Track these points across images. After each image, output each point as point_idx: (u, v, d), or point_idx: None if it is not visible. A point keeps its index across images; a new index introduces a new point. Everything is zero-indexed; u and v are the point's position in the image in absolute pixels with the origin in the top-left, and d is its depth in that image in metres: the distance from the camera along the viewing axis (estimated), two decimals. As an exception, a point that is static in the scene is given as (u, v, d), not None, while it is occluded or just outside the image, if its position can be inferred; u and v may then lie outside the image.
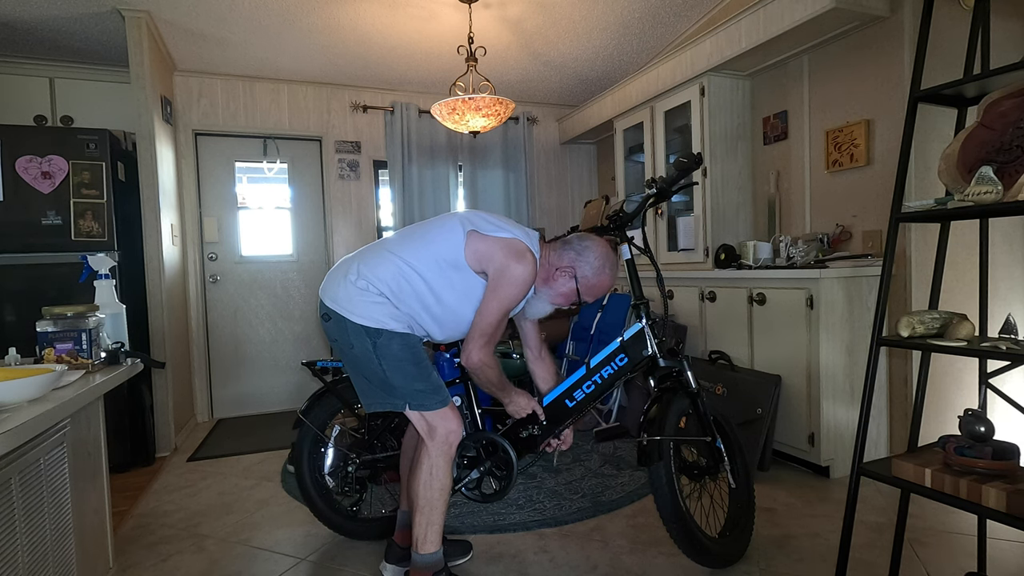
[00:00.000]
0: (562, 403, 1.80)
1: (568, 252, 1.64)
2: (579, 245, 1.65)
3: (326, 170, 4.16)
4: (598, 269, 1.63)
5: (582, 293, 1.64)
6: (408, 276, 1.54)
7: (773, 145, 3.08)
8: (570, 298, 1.67)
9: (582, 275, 1.63)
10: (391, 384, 1.54)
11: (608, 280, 1.66)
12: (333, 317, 1.55)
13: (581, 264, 1.63)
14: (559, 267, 1.64)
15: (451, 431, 1.56)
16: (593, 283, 1.64)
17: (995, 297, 2.46)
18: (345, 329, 1.53)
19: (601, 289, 1.67)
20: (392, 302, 1.54)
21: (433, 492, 1.54)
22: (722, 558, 1.73)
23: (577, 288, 1.64)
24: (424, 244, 1.56)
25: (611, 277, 1.66)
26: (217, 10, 3.01)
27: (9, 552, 1.08)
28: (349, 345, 1.55)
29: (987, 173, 1.27)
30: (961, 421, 1.36)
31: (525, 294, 1.56)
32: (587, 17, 3.30)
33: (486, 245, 1.54)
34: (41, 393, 1.14)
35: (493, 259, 1.53)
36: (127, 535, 2.13)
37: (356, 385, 1.62)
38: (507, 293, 1.52)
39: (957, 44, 2.37)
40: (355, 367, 1.58)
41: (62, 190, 2.71)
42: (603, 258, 1.64)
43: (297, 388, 4.12)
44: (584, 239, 1.66)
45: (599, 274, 1.64)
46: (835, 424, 2.39)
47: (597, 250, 1.64)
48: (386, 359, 1.52)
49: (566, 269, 1.63)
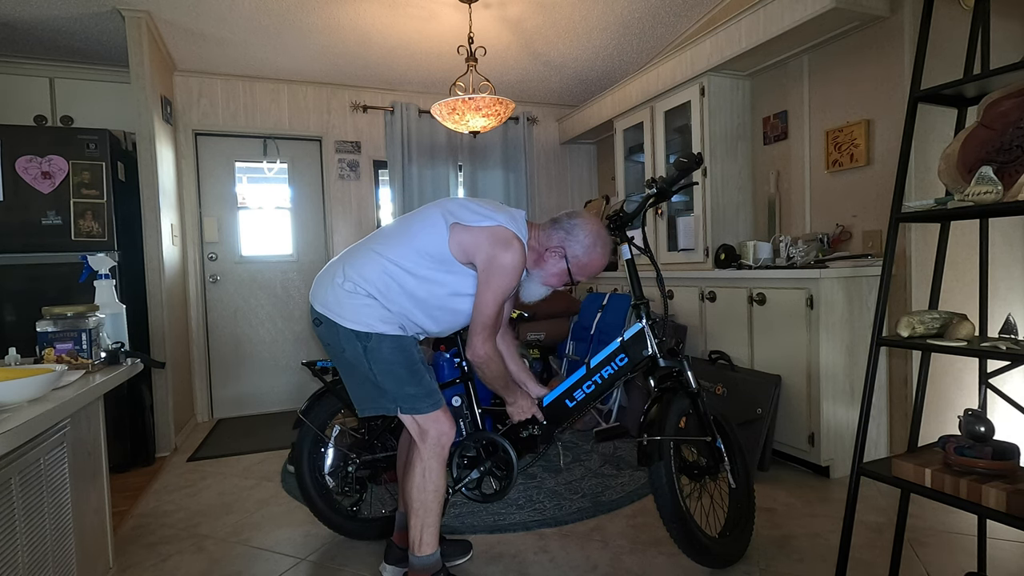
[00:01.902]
0: (562, 403, 1.80)
1: (557, 232, 1.60)
2: (568, 223, 1.60)
3: (326, 170, 4.16)
4: (589, 247, 1.59)
5: (574, 273, 1.61)
6: (394, 274, 1.51)
7: (773, 145, 3.08)
8: (562, 278, 1.63)
9: (572, 255, 1.59)
10: (382, 388, 1.53)
11: (600, 259, 1.62)
12: (324, 322, 1.54)
13: (571, 243, 1.59)
14: (548, 247, 1.60)
15: (443, 433, 1.54)
16: (584, 262, 1.60)
17: (995, 297, 2.46)
18: (336, 333, 1.52)
19: (593, 268, 1.62)
20: (381, 302, 1.52)
21: (427, 495, 1.53)
22: (722, 558, 1.73)
23: (568, 268, 1.60)
24: (408, 239, 1.53)
25: (603, 255, 1.62)
26: (217, 10, 3.01)
27: (9, 552, 1.08)
28: (341, 349, 1.53)
29: (987, 173, 1.27)
30: (961, 421, 1.36)
31: (517, 280, 1.53)
32: (587, 17, 3.30)
33: (471, 236, 1.50)
34: (41, 393, 1.14)
35: (480, 250, 1.49)
36: (127, 535, 2.13)
37: (349, 389, 1.61)
38: (499, 283, 1.49)
39: (957, 44, 2.37)
40: (347, 371, 1.58)
41: (62, 190, 2.71)
42: (594, 235, 1.60)
43: (297, 388, 4.12)
44: (573, 217, 1.62)
45: (590, 252, 1.59)
46: (835, 424, 2.39)
47: (587, 227, 1.60)
48: (376, 363, 1.51)
49: (556, 249, 1.59)
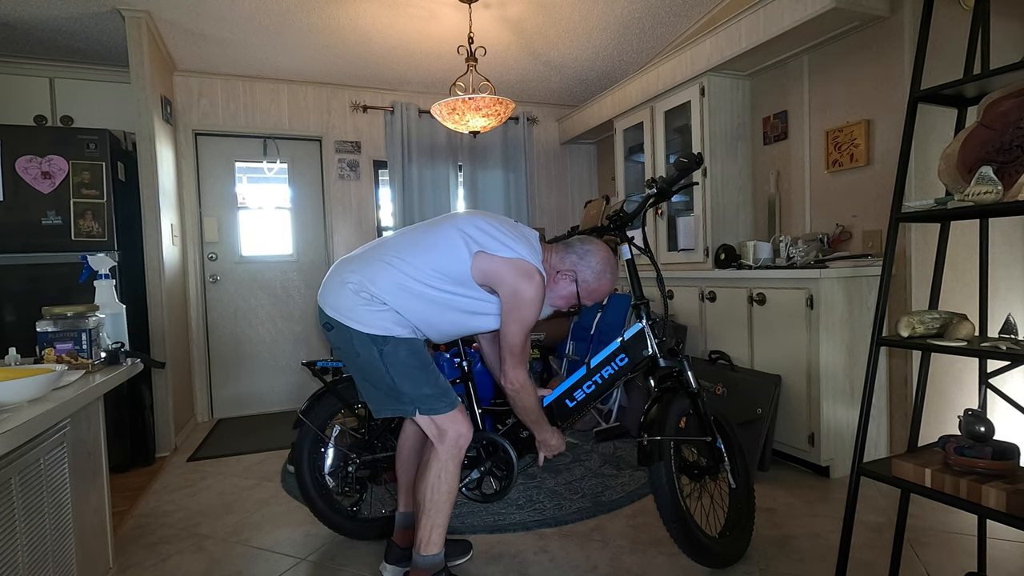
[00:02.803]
0: (562, 403, 1.80)
1: (570, 255, 1.64)
2: (581, 249, 1.65)
3: (326, 170, 4.16)
4: (599, 273, 1.64)
5: (582, 296, 1.65)
6: (410, 286, 1.51)
7: (773, 145, 3.08)
8: (570, 300, 1.67)
9: (583, 279, 1.63)
10: (400, 391, 1.52)
11: (608, 284, 1.67)
12: (336, 326, 1.52)
13: (582, 268, 1.63)
14: (560, 270, 1.64)
15: (461, 434, 1.55)
16: (594, 287, 1.65)
17: (995, 297, 2.46)
18: (350, 338, 1.51)
19: (601, 293, 1.67)
20: (395, 310, 1.52)
21: (440, 495, 1.54)
22: (722, 558, 1.73)
23: (577, 291, 1.64)
24: (424, 255, 1.53)
25: (611, 282, 1.67)
26: (217, 10, 3.01)
27: (9, 552, 1.08)
28: (355, 354, 1.52)
29: (987, 173, 1.26)
30: (961, 421, 1.36)
31: (539, 311, 1.56)
32: (587, 17, 3.30)
33: (494, 265, 1.52)
34: (41, 393, 1.14)
35: (503, 282, 1.52)
36: (127, 535, 2.13)
37: (364, 393, 1.60)
38: (524, 315, 1.52)
39: (957, 44, 2.37)
40: (362, 375, 1.56)
41: (62, 190, 2.71)
42: (604, 262, 1.65)
43: (297, 388, 4.12)
44: (586, 243, 1.66)
45: (600, 278, 1.64)
46: (835, 424, 2.39)
47: (599, 254, 1.64)
48: (394, 366, 1.51)
49: (567, 272, 1.63)
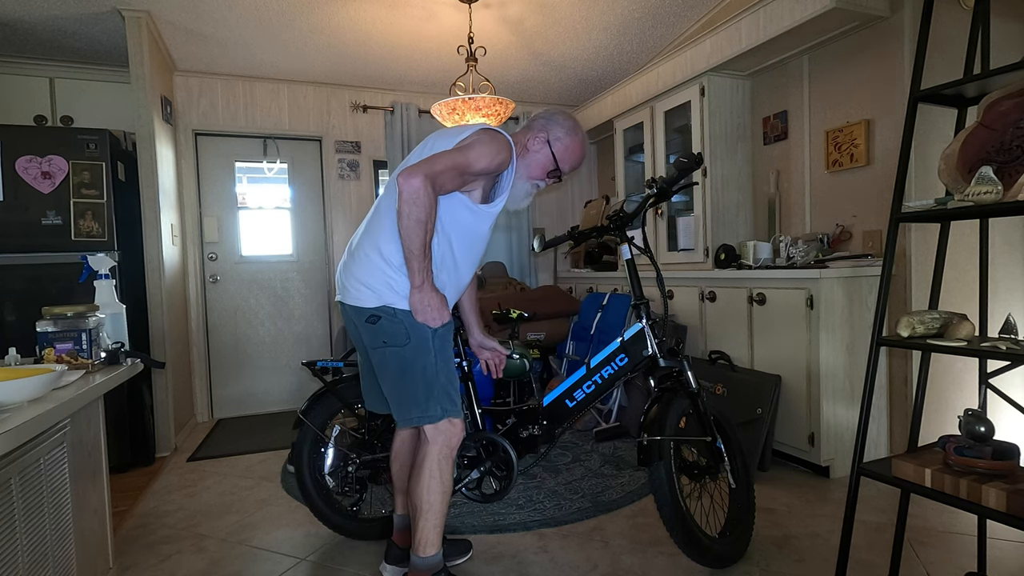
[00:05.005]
0: (562, 403, 1.80)
1: (535, 122, 1.64)
2: (545, 114, 1.64)
3: (326, 170, 4.16)
4: (570, 128, 1.61)
5: (559, 158, 1.61)
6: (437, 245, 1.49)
7: (773, 145, 3.08)
8: (547, 167, 1.62)
9: (555, 136, 1.60)
10: (434, 384, 1.48)
11: (580, 144, 1.63)
12: (384, 315, 1.46)
13: (552, 126, 1.61)
14: (530, 137, 1.62)
15: (454, 434, 1.54)
16: (567, 144, 1.61)
17: (995, 297, 2.46)
18: (401, 323, 1.46)
19: (575, 154, 1.63)
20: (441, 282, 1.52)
21: (434, 495, 1.52)
22: (722, 558, 1.73)
23: (552, 153, 1.61)
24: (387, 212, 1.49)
25: (583, 142, 1.64)
26: (217, 10, 3.01)
27: (9, 552, 1.08)
28: (404, 342, 1.45)
29: (987, 173, 1.27)
30: (961, 421, 1.36)
31: (487, 167, 1.47)
32: (587, 17, 3.29)
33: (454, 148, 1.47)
34: (41, 393, 1.13)
35: (468, 139, 1.48)
36: (127, 535, 2.13)
37: (393, 392, 1.52)
38: (471, 152, 1.44)
39: (957, 44, 2.37)
40: (399, 369, 1.48)
41: (62, 190, 2.71)
42: (572, 121, 1.63)
43: (297, 388, 4.12)
44: (548, 111, 1.66)
45: (572, 133, 1.61)
46: (835, 424, 2.39)
47: (564, 115, 1.63)
48: (442, 352, 1.50)
49: (537, 136, 1.61)
